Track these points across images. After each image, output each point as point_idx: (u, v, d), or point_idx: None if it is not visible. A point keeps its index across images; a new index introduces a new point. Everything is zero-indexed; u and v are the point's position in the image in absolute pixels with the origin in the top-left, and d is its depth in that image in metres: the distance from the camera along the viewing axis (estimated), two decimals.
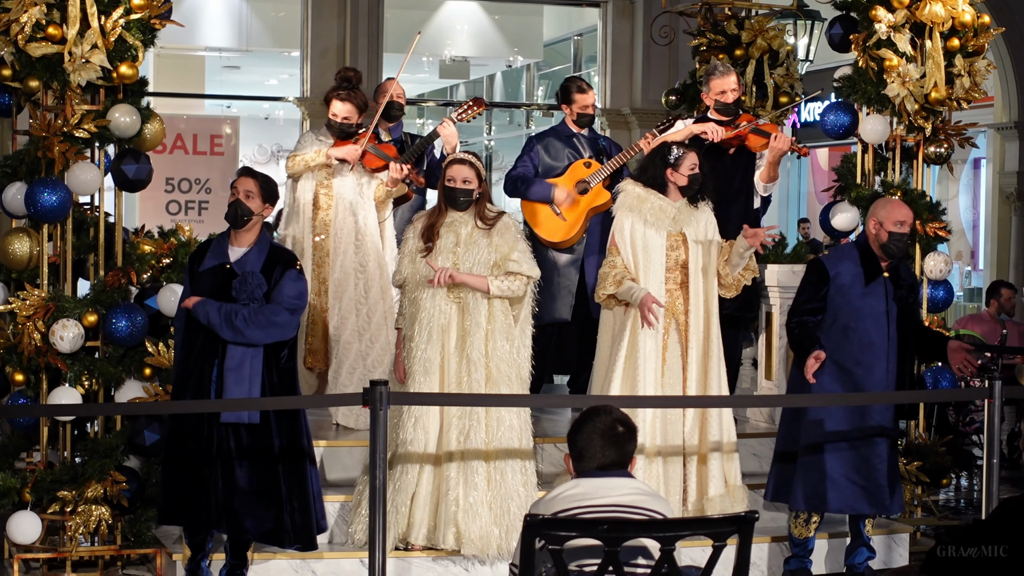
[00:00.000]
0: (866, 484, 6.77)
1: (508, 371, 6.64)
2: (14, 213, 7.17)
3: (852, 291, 6.75)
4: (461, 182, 6.68)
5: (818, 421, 6.79)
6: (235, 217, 6.32)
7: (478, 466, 6.58)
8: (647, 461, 6.86)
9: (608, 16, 15.67)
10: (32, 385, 7.03)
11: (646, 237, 6.92)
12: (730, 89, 7.99)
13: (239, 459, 6.20)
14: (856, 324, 6.74)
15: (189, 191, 13.72)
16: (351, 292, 7.78)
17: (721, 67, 8.09)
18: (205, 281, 6.30)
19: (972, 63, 8.20)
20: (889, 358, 6.79)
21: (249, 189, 6.33)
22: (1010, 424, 9.53)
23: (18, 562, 6.96)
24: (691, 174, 6.95)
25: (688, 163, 6.95)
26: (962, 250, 19.21)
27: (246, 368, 6.19)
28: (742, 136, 7.89)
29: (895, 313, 6.80)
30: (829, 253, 7.02)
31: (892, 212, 6.79)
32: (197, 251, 6.50)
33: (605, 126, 15.53)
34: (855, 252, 6.84)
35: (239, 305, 6.17)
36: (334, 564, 6.73)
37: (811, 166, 21.05)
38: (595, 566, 4.20)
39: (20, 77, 7.01)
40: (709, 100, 8.06)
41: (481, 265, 6.63)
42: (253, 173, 6.46)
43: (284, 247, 6.74)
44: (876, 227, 6.78)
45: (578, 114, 8.37)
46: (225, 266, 6.29)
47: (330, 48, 14.44)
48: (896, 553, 7.46)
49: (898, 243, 6.77)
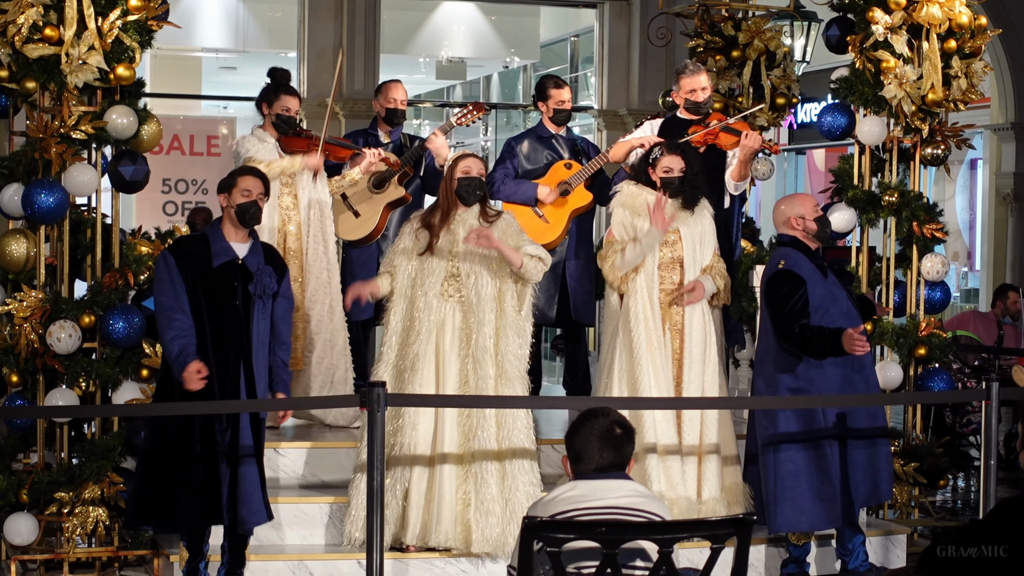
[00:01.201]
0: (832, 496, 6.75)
1: (517, 368, 6.65)
2: (11, 214, 7.17)
3: (817, 288, 6.79)
4: (477, 173, 6.69)
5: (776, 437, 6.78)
6: (255, 217, 6.33)
7: (489, 465, 6.56)
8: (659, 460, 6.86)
9: (605, 17, 15.68)
10: (29, 386, 7.03)
11: (641, 230, 6.94)
12: (700, 88, 7.97)
13: (233, 455, 6.23)
14: (832, 319, 6.77)
15: (186, 192, 13.71)
16: (322, 294, 7.79)
17: (691, 66, 8.08)
18: (217, 280, 6.26)
19: (969, 64, 8.20)
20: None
21: (261, 191, 6.37)
22: (1007, 425, 9.53)
23: (15, 563, 6.96)
24: (663, 176, 6.97)
25: (663, 165, 6.99)
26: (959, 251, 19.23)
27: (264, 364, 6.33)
28: (713, 135, 7.86)
29: (846, 298, 6.88)
30: (785, 262, 6.89)
31: (804, 202, 6.91)
32: (182, 249, 6.31)
33: (601, 127, 15.54)
34: (800, 253, 6.83)
35: (282, 369, 6.36)
36: (331, 565, 6.73)
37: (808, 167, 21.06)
38: (593, 568, 4.20)
39: (17, 78, 7.00)
40: (679, 99, 8.04)
41: (481, 263, 6.63)
42: (259, 174, 6.48)
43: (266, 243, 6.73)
44: (800, 222, 6.84)
45: (554, 110, 8.36)
46: (236, 262, 6.30)
47: (327, 49, 14.43)
48: (893, 554, 7.46)
49: (827, 225, 6.90)
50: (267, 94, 7.94)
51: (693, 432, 6.98)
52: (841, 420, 6.76)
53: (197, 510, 6.20)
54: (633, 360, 6.89)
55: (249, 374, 6.24)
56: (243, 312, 6.24)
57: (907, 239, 8.26)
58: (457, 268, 6.65)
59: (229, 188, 6.35)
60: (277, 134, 7.84)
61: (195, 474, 6.17)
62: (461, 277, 6.65)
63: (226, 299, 6.23)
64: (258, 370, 6.28)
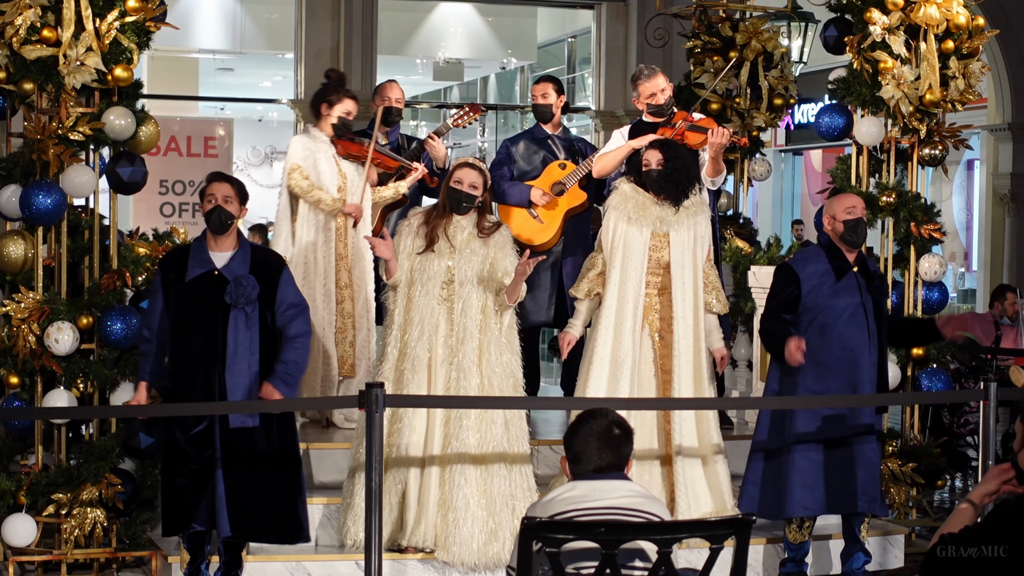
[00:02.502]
0: (836, 486, 6.76)
1: (503, 381, 6.64)
2: (9, 216, 7.17)
3: (823, 290, 6.77)
4: (468, 186, 6.65)
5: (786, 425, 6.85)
6: (220, 223, 6.30)
7: (465, 469, 6.54)
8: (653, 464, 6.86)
9: (602, 18, 15.69)
10: (27, 388, 7.03)
11: (627, 235, 6.91)
12: (659, 90, 7.83)
13: (238, 461, 6.23)
14: (834, 321, 6.77)
15: (183, 193, 13.72)
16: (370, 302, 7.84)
17: (646, 70, 7.92)
18: (191, 291, 6.28)
19: (966, 65, 8.20)
20: (871, 351, 6.81)
21: (227, 194, 6.34)
22: (1004, 425, 9.54)
23: (13, 565, 6.95)
24: (644, 170, 6.97)
25: (644, 159, 6.98)
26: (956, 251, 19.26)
27: (246, 374, 6.24)
28: (680, 135, 7.78)
29: (871, 306, 6.84)
30: (795, 256, 7.06)
31: (841, 202, 6.88)
32: (171, 260, 6.41)
33: (599, 128, 15.55)
34: (821, 252, 6.88)
35: (280, 364, 6.26)
36: (329, 566, 6.72)
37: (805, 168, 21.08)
38: (592, 569, 4.20)
39: (15, 80, 7.00)
40: (641, 104, 7.92)
41: (474, 273, 6.62)
42: (227, 178, 6.50)
43: (266, 247, 6.72)
44: (831, 222, 6.85)
45: (534, 106, 8.41)
46: (213, 273, 6.29)
47: (324, 50, 14.44)
48: (891, 555, 7.47)
49: (854, 229, 6.82)
50: (328, 94, 7.87)
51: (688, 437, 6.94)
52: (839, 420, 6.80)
53: (182, 513, 6.27)
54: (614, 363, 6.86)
55: (222, 384, 6.21)
56: (221, 322, 6.24)
57: (905, 240, 8.27)
58: (452, 274, 6.64)
59: (201, 197, 6.40)
60: (333, 135, 7.83)
61: (180, 478, 6.26)
62: (454, 285, 6.64)
63: (202, 310, 6.25)
64: (234, 380, 6.22)
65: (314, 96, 7.98)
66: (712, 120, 7.88)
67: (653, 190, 6.94)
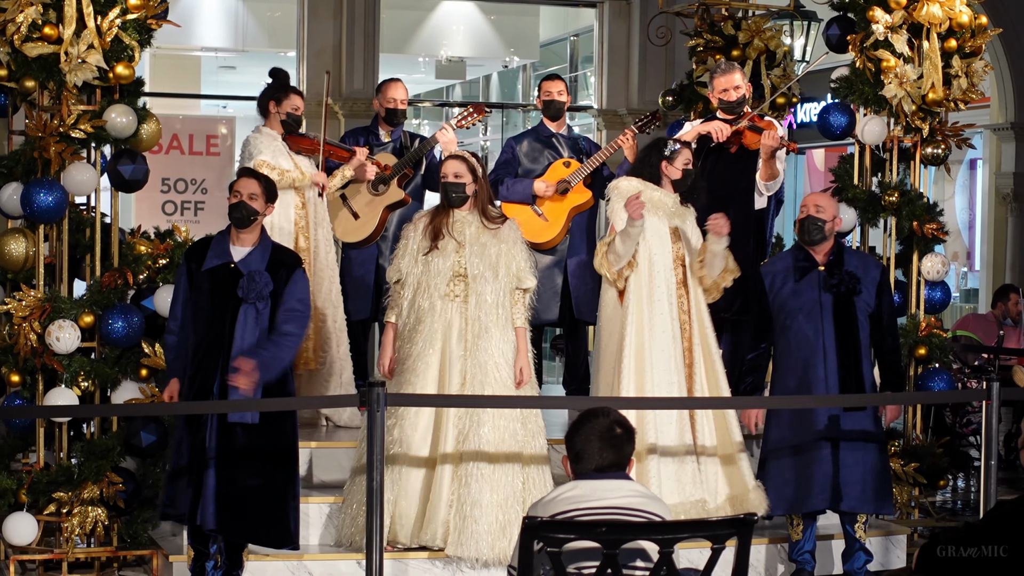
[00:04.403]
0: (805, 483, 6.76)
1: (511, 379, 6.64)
2: (10, 213, 7.17)
3: (784, 289, 6.79)
4: (452, 176, 6.68)
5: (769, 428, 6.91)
6: (242, 218, 6.34)
7: (482, 466, 6.53)
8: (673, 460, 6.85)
9: (604, 17, 15.66)
10: (28, 386, 7.02)
11: (651, 225, 6.85)
12: (732, 87, 7.93)
13: (234, 459, 6.21)
14: (791, 321, 6.77)
15: (185, 191, 13.69)
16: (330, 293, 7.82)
17: (723, 65, 8.06)
18: (206, 281, 6.30)
19: (969, 64, 8.20)
20: (827, 352, 6.74)
21: (253, 191, 6.38)
22: (1007, 425, 9.53)
23: (14, 563, 6.95)
24: (685, 168, 6.95)
25: (683, 157, 6.96)
26: (958, 251, 19.22)
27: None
28: (740, 132, 7.86)
29: (830, 304, 6.76)
30: (774, 256, 7.06)
31: (809, 198, 6.86)
32: (194, 249, 6.48)
33: (601, 126, 15.52)
34: (791, 251, 6.94)
35: (265, 351, 6.18)
36: (330, 566, 6.72)
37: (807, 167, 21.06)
38: (594, 568, 4.20)
39: (16, 77, 7.00)
40: (713, 99, 8.05)
41: (486, 267, 6.60)
42: (255, 174, 6.53)
43: (286, 247, 6.73)
44: (799, 215, 6.86)
45: (544, 103, 8.39)
46: (229, 265, 6.30)
47: (326, 48, 14.41)
48: (893, 555, 7.46)
49: (802, 226, 6.79)
50: (275, 92, 7.92)
51: (709, 432, 6.92)
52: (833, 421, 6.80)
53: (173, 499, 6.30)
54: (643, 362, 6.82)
55: (223, 377, 6.21)
56: (230, 315, 6.24)
57: (907, 239, 8.26)
58: (464, 269, 6.63)
59: (230, 191, 6.41)
60: (284, 132, 7.83)
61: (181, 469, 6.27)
62: (468, 279, 6.62)
63: (213, 301, 6.27)
64: None
65: (260, 95, 8.01)
66: (771, 122, 7.90)
67: (680, 188, 6.93)
